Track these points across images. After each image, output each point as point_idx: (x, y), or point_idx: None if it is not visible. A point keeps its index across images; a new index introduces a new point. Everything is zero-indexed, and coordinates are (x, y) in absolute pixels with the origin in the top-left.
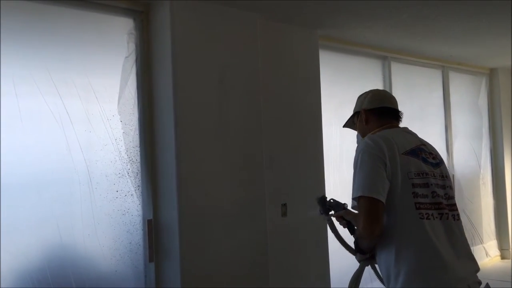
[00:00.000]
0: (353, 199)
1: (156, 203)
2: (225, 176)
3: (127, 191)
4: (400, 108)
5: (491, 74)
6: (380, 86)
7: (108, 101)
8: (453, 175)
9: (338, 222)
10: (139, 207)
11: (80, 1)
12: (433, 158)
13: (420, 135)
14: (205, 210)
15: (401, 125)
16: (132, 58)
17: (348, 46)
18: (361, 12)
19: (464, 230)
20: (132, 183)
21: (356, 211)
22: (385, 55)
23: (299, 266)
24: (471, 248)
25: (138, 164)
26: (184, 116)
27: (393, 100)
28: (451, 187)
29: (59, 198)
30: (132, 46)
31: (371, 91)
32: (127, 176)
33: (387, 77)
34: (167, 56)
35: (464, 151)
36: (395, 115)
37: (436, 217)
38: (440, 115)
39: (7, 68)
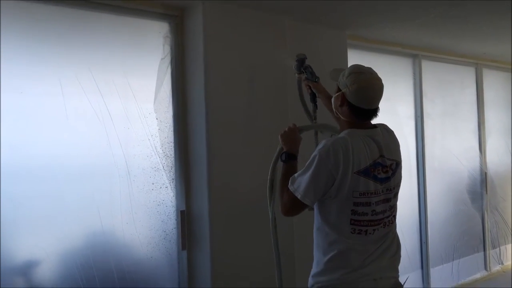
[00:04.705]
0: (291, 183)
1: (188, 195)
2: (253, 170)
3: (162, 183)
4: (430, 105)
5: None
6: (410, 84)
7: (145, 100)
8: (485, 173)
9: (305, 87)
10: (173, 199)
11: (120, 7)
12: (386, 172)
13: (453, 133)
14: (234, 201)
15: (429, 121)
16: (167, 59)
17: (377, 45)
18: (388, 12)
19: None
20: (166, 176)
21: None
22: (415, 53)
23: None
24: (498, 245)
25: (172, 159)
26: (215, 114)
27: (375, 100)
28: (396, 195)
29: (101, 189)
30: (168, 49)
31: (356, 80)
32: (162, 170)
33: (417, 75)
34: (200, 58)
35: (498, 148)
36: (373, 113)
37: (370, 233)
38: (473, 112)
39: (54, 70)
